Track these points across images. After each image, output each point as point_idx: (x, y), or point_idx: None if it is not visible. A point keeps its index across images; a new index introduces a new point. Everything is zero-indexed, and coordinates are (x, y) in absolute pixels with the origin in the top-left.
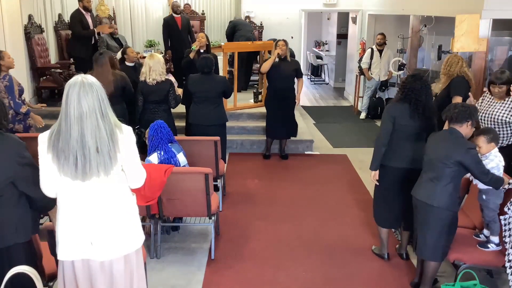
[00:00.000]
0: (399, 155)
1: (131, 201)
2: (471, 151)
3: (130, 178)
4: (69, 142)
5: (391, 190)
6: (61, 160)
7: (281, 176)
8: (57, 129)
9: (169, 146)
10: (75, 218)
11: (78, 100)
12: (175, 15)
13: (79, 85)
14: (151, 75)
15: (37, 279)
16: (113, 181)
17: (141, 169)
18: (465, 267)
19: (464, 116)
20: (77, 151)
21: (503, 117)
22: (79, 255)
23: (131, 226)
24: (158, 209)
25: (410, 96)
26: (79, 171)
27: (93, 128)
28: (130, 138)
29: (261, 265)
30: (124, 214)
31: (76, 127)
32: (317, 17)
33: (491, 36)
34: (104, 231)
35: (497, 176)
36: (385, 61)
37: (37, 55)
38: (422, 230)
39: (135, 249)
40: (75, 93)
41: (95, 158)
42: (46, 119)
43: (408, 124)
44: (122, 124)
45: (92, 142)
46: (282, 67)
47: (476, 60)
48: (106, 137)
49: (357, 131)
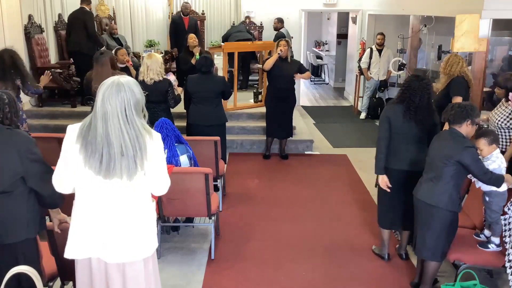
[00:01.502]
0: (399, 158)
1: (149, 208)
2: (469, 149)
3: (154, 186)
4: (96, 136)
5: (391, 191)
6: (88, 152)
7: (281, 176)
8: (89, 122)
9: (175, 146)
10: (91, 215)
11: (102, 100)
12: (184, 16)
13: (108, 85)
14: (149, 74)
15: (37, 279)
16: (134, 186)
17: (166, 177)
18: (465, 267)
19: (462, 116)
20: (103, 147)
21: (498, 122)
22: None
23: (145, 233)
24: (158, 209)
25: (405, 95)
26: (103, 167)
27: (116, 131)
28: (159, 145)
29: (261, 265)
30: (140, 219)
31: (101, 123)
32: (317, 17)
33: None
34: (117, 233)
35: (497, 175)
36: (384, 61)
37: (37, 55)
38: (422, 230)
39: (147, 255)
40: (101, 92)
41: (119, 160)
42: (46, 119)
43: (404, 125)
44: (153, 130)
45: (117, 144)
46: (283, 67)
47: (476, 60)
48: (130, 143)
49: (357, 131)
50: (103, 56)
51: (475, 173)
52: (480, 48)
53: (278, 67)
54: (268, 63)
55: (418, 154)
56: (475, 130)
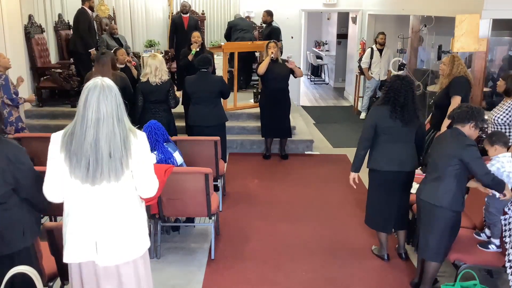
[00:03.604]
0: (388, 158)
1: (139, 209)
2: (470, 147)
3: (141, 187)
4: (82, 145)
5: (381, 193)
6: (73, 162)
7: (281, 176)
8: (71, 131)
9: (165, 146)
10: (82, 221)
11: (98, 104)
12: (183, 15)
13: (99, 88)
14: (158, 75)
15: (37, 279)
16: (122, 187)
17: (153, 178)
18: (465, 267)
19: (466, 116)
20: (90, 155)
21: (498, 118)
22: (84, 257)
23: (137, 233)
24: (158, 209)
25: (389, 95)
26: (90, 175)
27: (108, 133)
28: (144, 145)
29: (261, 265)
30: (131, 220)
31: (92, 131)
32: (317, 17)
33: (491, 36)
34: (109, 236)
35: (498, 179)
36: (385, 61)
37: (37, 55)
38: (425, 230)
39: (139, 255)
40: (95, 96)
41: (107, 163)
42: (46, 119)
43: (391, 126)
44: (137, 130)
45: (105, 147)
46: (275, 69)
47: (476, 60)
48: (119, 142)
49: (357, 131)
50: (104, 56)
51: (476, 172)
52: (480, 48)
53: (270, 69)
54: (261, 68)
55: (407, 154)
56: (477, 134)
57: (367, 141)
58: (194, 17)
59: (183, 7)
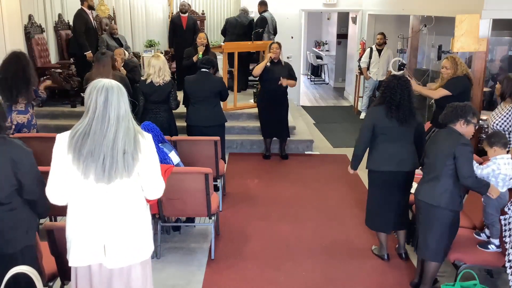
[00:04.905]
0: (386, 158)
1: (145, 211)
2: (464, 146)
3: (148, 188)
4: (101, 144)
5: (380, 194)
6: (86, 162)
7: (281, 176)
8: (83, 131)
9: (161, 147)
10: (91, 223)
11: (118, 103)
12: (182, 15)
13: (116, 88)
14: (161, 76)
15: (37, 279)
16: (132, 186)
17: (160, 180)
18: (465, 267)
19: (452, 116)
20: (107, 153)
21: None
22: (93, 260)
23: (144, 235)
24: (158, 209)
25: (386, 95)
26: (106, 173)
27: (125, 130)
28: (152, 146)
29: (261, 265)
30: (139, 222)
31: (114, 129)
32: (317, 17)
33: (491, 36)
34: (117, 238)
35: (480, 181)
36: (384, 61)
37: (37, 55)
38: (423, 231)
39: (144, 258)
40: (115, 96)
41: (121, 159)
42: (46, 119)
43: (388, 126)
44: (143, 131)
45: (121, 144)
46: (274, 71)
47: (476, 60)
48: (132, 139)
49: (357, 131)
50: (105, 56)
51: (460, 171)
52: (480, 48)
53: (270, 70)
54: (257, 69)
55: (406, 154)
56: (473, 129)
57: (364, 143)
58: (193, 17)
59: (182, 6)
